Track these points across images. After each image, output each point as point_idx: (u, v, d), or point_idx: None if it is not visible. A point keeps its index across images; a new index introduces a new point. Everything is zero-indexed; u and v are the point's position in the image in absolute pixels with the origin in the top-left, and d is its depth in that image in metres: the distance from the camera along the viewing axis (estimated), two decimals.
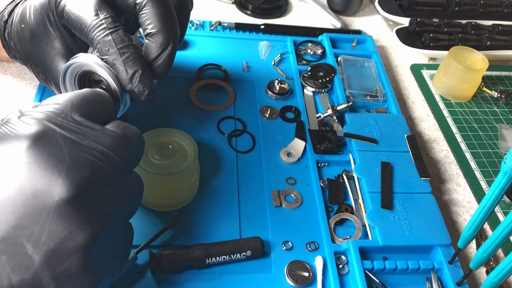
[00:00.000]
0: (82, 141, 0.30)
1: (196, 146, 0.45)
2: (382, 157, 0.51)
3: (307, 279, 0.41)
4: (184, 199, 0.46)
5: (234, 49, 0.65)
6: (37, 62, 0.41)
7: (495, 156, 0.58)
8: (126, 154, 0.32)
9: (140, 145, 0.34)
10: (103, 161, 0.30)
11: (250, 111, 0.57)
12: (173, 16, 0.40)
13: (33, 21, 0.40)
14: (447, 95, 0.65)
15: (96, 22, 0.37)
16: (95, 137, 0.31)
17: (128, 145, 0.32)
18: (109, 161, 0.31)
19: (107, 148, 0.31)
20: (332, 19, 0.75)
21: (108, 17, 0.37)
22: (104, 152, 0.30)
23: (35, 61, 0.42)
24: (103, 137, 0.31)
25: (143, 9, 0.38)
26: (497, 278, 0.37)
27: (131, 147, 0.33)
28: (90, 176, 0.29)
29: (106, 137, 0.31)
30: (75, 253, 0.28)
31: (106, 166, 0.30)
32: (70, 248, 0.27)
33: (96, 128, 0.31)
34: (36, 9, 0.40)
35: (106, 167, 0.30)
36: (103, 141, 0.31)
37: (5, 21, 0.43)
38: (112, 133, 0.32)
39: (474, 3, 0.77)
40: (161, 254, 0.40)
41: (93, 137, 0.31)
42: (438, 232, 0.45)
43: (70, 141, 0.30)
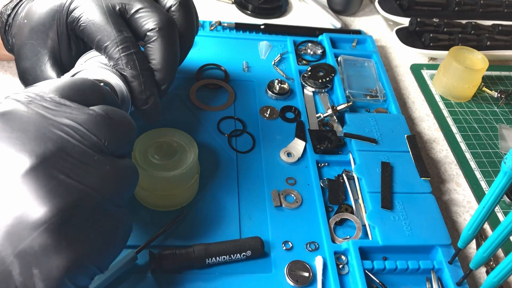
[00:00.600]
0: (53, 117, 0.29)
1: (196, 146, 0.45)
2: (382, 157, 0.51)
3: (307, 279, 0.41)
4: (184, 199, 0.46)
5: (234, 49, 0.65)
6: (24, 58, 0.41)
7: (495, 156, 0.58)
8: (104, 133, 0.30)
9: (127, 129, 0.33)
10: (74, 136, 0.29)
11: (250, 111, 0.57)
12: (176, 57, 0.42)
13: (37, 19, 0.41)
14: (447, 95, 0.65)
15: (121, 39, 0.38)
16: (69, 114, 0.30)
17: (108, 125, 0.31)
18: (81, 137, 0.29)
19: (80, 124, 0.29)
20: (332, 19, 0.75)
21: (131, 36, 0.39)
22: (76, 128, 0.29)
23: (23, 56, 0.41)
24: (77, 113, 0.30)
25: (151, 42, 0.40)
26: (497, 278, 0.37)
27: (112, 128, 0.31)
28: (55, 150, 0.28)
29: (81, 115, 0.30)
30: (35, 229, 0.26)
31: (77, 142, 0.29)
32: (30, 223, 0.26)
33: (72, 106, 0.30)
34: (45, 9, 0.41)
35: (77, 143, 0.29)
36: (77, 117, 0.30)
37: (8, 15, 0.43)
38: (89, 111, 0.31)
39: (474, 3, 0.77)
40: (161, 254, 0.40)
41: (67, 114, 0.30)
42: (438, 232, 0.45)
43: (40, 116, 0.29)
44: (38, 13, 0.41)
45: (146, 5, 0.41)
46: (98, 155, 0.30)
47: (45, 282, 0.26)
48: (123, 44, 0.38)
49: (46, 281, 0.26)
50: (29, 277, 0.26)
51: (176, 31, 0.42)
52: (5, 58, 0.57)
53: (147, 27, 0.40)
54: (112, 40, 0.38)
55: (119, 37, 0.38)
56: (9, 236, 0.26)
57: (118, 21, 0.39)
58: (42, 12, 0.41)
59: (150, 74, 0.40)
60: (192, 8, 0.46)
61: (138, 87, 0.39)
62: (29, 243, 0.26)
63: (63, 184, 0.27)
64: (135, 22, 0.41)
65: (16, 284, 0.26)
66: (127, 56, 0.38)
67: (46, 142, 0.28)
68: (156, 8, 0.41)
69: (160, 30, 0.40)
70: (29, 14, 0.41)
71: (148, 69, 0.40)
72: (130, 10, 0.41)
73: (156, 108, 0.41)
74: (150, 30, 0.40)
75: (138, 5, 0.41)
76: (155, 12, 0.41)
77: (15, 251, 0.26)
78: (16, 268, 0.26)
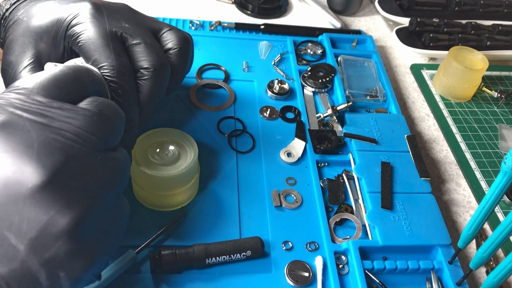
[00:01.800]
0: (51, 123, 0.29)
1: (196, 146, 0.45)
2: (382, 157, 0.51)
3: (307, 279, 0.41)
4: (184, 199, 0.46)
5: (234, 49, 0.65)
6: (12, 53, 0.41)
7: (495, 156, 0.58)
8: (102, 131, 0.31)
9: (118, 121, 0.33)
10: (77, 141, 0.29)
11: (250, 111, 0.57)
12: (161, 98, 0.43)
13: (36, 20, 0.41)
14: (447, 95, 0.65)
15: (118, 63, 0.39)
16: (65, 117, 0.30)
17: (104, 122, 0.31)
18: (83, 141, 0.29)
19: (79, 128, 0.30)
20: (332, 19, 0.75)
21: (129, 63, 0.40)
22: (77, 132, 0.29)
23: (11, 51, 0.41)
24: (74, 116, 0.30)
25: (143, 79, 0.41)
26: (497, 278, 0.37)
27: (108, 124, 0.32)
28: (64, 159, 0.28)
29: (78, 116, 0.30)
30: (59, 238, 0.27)
31: (81, 146, 0.29)
32: (54, 234, 0.27)
33: (66, 108, 0.30)
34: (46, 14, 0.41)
35: (81, 147, 0.29)
36: (74, 121, 0.30)
37: (7, 9, 0.43)
38: (84, 112, 0.31)
39: (474, 3, 0.77)
40: (161, 254, 0.40)
41: (64, 118, 0.30)
42: (438, 232, 0.45)
43: (39, 124, 0.29)
44: (38, 15, 0.41)
45: (146, 42, 0.42)
46: (100, 154, 0.30)
47: (70, 281, 0.28)
48: (119, 69, 0.39)
49: (71, 280, 0.28)
50: (55, 280, 0.28)
51: (167, 76, 0.43)
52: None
53: (142, 64, 0.41)
54: (110, 62, 0.38)
55: (116, 61, 0.39)
56: (34, 248, 0.27)
57: (118, 46, 0.40)
58: (43, 15, 0.41)
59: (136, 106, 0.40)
60: (190, 55, 0.47)
61: None
62: (55, 251, 0.27)
63: (77, 191, 0.28)
64: (132, 54, 0.41)
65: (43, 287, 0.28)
66: (120, 81, 0.38)
67: (53, 152, 0.28)
68: (155, 48, 0.42)
69: (153, 71, 0.41)
70: (29, 13, 0.42)
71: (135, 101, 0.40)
72: (130, 40, 0.41)
73: (133, 138, 0.41)
74: (144, 68, 0.41)
75: (139, 39, 0.41)
76: (153, 52, 0.41)
77: (41, 260, 0.27)
78: (43, 275, 0.27)
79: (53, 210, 0.27)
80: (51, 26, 0.40)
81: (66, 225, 0.27)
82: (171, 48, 0.44)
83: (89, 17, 0.40)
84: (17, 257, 0.27)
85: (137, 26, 0.42)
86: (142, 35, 0.42)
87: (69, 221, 0.27)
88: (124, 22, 0.42)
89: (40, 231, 0.27)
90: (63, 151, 0.28)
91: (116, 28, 0.41)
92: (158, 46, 0.43)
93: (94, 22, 0.40)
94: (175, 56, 0.44)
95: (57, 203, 0.27)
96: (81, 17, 0.40)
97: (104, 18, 0.40)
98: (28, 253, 0.27)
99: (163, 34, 0.45)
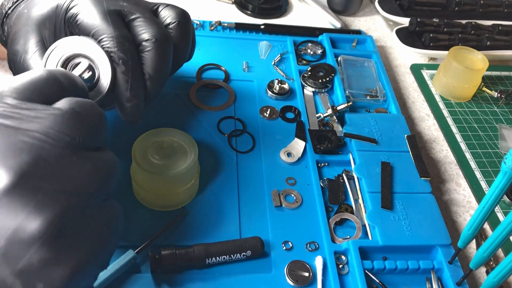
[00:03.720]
0: (19, 125, 0.27)
1: (196, 146, 0.45)
2: (382, 157, 0.51)
3: (307, 279, 0.41)
4: (184, 199, 0.46)
5: (234, 49, 0.65)
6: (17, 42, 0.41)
7: (495, 156, 0.58)
8: (77, 130, 0.29)
9: (97, 119, 0.31)
10: (47, 141, 0.27)
11: (250, 111, 0.57)
12: (167, 71, 0.42)
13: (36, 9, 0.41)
14: (447, 95, 0.65)
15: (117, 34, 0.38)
16: (34, 118, 0.28)
17: (78, 121, 0.29)
18: (54, 140, 0.27)
19: (49, 127, 0.28)
20: (332, 19, 0.75)
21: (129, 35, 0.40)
22: (47, 132, 0.27)
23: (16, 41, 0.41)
24: (44, 116, 0.28)
25: (145, 52, 0.41)
26: (497, 278, 0.37)
27: (83, 122, 0.29)
28: (32, 160, 0.26)
29: (49, 116, 0.28)
30: (31, 245, 0.25)
31: (51, 147, 0.27)
32: (25, 240, 0.25)
33: (36, 108, 0.28)
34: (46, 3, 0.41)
35: (51, 147, 0.27)
36: (44, 120, 0.28)
37: (9, 7, 0.44)
38: (55, 111, 0.29)
39: (474, 3, 0.77)
40: (161, 254, 0.40)
41: (32, 118, 0.28)
42: (438, 232, 0.45)
43: (4, 127, 0.27)
44: (38, 4, 0.41)
45: (146, 15, 0.42)
46: (75, 154, 0.28)
47: None
48: (119, 39, 0.38)
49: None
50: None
51: (171, 46, 0.43)
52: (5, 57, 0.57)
53: (144, 36, 0.41)
54: (109, 34, 0.38)
55: (115, 33, 0.38)
56: (5, 257, 0.25)
57: (116, 19, 0.40)
58: (42, 4, 0.41)
59: (139, 76, 0.40)
60: (190, 28, 0.47)
61: (125, 84, 0.39)
62: (28, 260, 0.25)
63: (48, 194, 0.26)
64: (133, 29, 0.41)
65: None
66: (121, 51, 0.38)
67: (20, 154, 0.26)
68: (154, 22, 0.42)
69: (156, 41, 0.41)
70: (29, 5, 0.42)
71: (139, 70, 0.40)
72: (129, 16, 0.41)
73: (138, 110, 0.40)
74: (146, 40, 0.40)
75: (137, 14, 0.41)
76: (154, 24, 0.41)
77: (15, 271, 0.25)
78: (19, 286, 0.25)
79: (22, 215, 0.25)
80: (52, 12, 0.40)
81: (37, 230, 0.25)
82: (170, 23, 0.44)
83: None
84: None
85: (135, 4, 0.43)
86: (141, 11, 0.42)
87: (40, 226, 0.25)
88: (121, 1, 0.42)
89: (9, 239, 0.25)
90: (31, 152, 0.26)
91: (114, 7, 0.40)
92: (158, 20, 0.43)
93: (92, 2, 0.40)
94: (175, 30, 0.44)
95: (25, 207, 0.25)
96: None
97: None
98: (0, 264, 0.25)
99: (160, 12, 0.45)
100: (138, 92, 0.40)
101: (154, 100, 0.42)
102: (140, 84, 0.40)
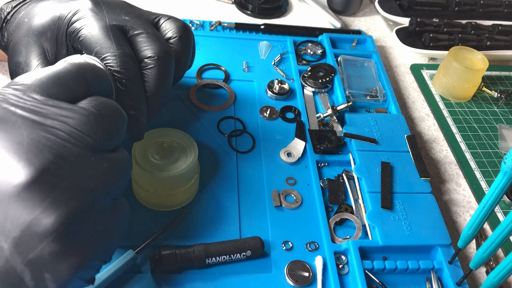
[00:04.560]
0: (44, 121, 0.28)
1: (196, 146, 0.45)
2: (382, 157, 0.51)
3: (307, 279, 0.41)
4: (184, 199, 0.46)
5: (234, 49, 0.65)
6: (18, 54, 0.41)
7: (495, 156, 0.58)
8: (99, 132, 0.30)
9: (118, 122, 0.32)
10: (70, 141, 0.28)
11: (250, 111, 0.57)
12: (168, 87, 0.42)
13: (37, 20, 0.41)
14: (447, 95, 0.65)
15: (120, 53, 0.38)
16: (60, 116, 0.29)
17: (101, 123, 0.30)
18: (76, 140, 0.29)
19: (74, 127, 0.29)
20: (332, 19, 0.75)
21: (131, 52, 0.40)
22: (71, 132, 0.29)
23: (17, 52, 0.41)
24: (70, 115, 0.29)
25: (147, 69, 0.40)
26: (497, 278, 0.37)
27: (106, 125, 0.31)
28: (53, 158, 0.27)
29: (74, 116, 0.29)
30: (44, 238, 0.26)
31: (73, 146, 0.29)
32: (38, 234, 0.26)
33: (62, 107, 0.29)
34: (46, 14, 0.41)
35: (73, 147, 0.29)
36: (69, 120, 0.29)
37: (8, 12, 0.43)
38: (81, 111, 0.30)
39: (474, 3, 0.77)
40: (161, 254, 0.40)
41: (58, 117, 0.29)
42: (438, 232, 0.45)
43: (31, 121, 0.28)
44: (39, 15, 0.41)
45: (148, 31, 0.42)
46: (94, 155, 0.30)
47: (56, 283, 0.27)
48: (122, 58, 0.38)
49: (57, 282, 0.27)
50: (40, 281, 0.27)
51: (172, 62, 0.43)
52: (5, 59, 0.57)
53: (146, 53, 0.40)
54: (112, 53, 0.38)
55: (118, 51, 0.38)
56: (17, 247, 0.26)
57: (119, 36, 0.40)
58: (43, 15, 0.41)
59: (141, 94, 0.40)
60: (191, 42, 0.47)
61: (128, 102, 0.39)
62: (39, 252, 0.26)
63: (65, 191, 0.27)
64: (135, 45, 0.41)
65: None
66: (124, 70, 0.38)
67: (42, 150, 0.27)
68: (156, 37, 0.42)
69: (158, 59, 0.40)
70: (30, 14, 0.42)
71: (141, 89, 0.40)
72: (131, 31, 0.41)
73: (141, 127, 0.41)
74: (148, 57, 0.40)
75: (140, 29, 0.41)
76: (155, 41, 0.41)
77: (25, 260, 0.26)
78: (27, 275, 0.27)
79: (38, 209, 0.26)
80: (53, 24, 0.40)
81: (51, 226, 0.26)
82: (171, 37, 0.44)
83: (88, 12, 0.40)
84: (2, 256, 0.26)
85: (136, 18, 0.42)
86: (142, 26, 0.42)
87: (54, 222, 0.27)
88: (123, 15, 0.42)
89: (24, 231, 0.26)
90: (53, 150, 0.28)
91: (116, 21, 0.40)
92: (159, 35, 0.43)
93: (94, 17, 0.40)
94: (176, 44, 0.44)
95: (42, 202, 0.26)
96: (80, 13, 0.40)
97: (103, 12, 0.40)
98: (12, 252, 0.26)
99: (162, 24, 0.45)
100: (141, 110, 0.40)
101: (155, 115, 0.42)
102: (143, 102, 0.40)
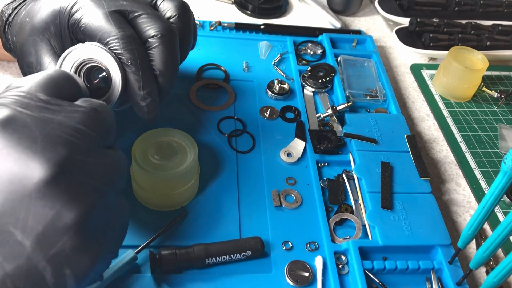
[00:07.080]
0: (52, 120, 0.29)
1: (196, 146, 0.45)
2: (382, 157, 0.51)
3: (307, 279, 0.41)
4: (184, 199, 0.46)
5: (234, 49, 0.65)
6: (28, 54, 0.42)
7: (495, 156, 0.58)
8: (99, 128, 0.31)
9: (111, 118, 0.34)
10: (77, 137, 0.30)
11: (250, 111, 0.57)
12: (176, 64, 0.42)
13: (39, 17, 0.41)
14: (447, 95, 0.65)
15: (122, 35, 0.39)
16: (65, 114, 0.30)
17: (99, 119, 0.32)
18: (83, 136, 0.30)
19: (78, 123, 0.30)
20: (332, 19, 0.75)
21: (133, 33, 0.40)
22: (77, 128, 0.30)
23: (27, 53, 0.42)
24: (73, 113, 0.31)
25: (153, 48, 0.41)
26: (497, 278, 0.37)
27: (103, 121, 0.32)
28: (67, 154, 0.28)
29: (77, 113, 0.31)
30: (65, 233, 0.27)
31: (81, 142, 0.30)
32: (60, 228, 0.27)
33: (64, 105, 0.31)
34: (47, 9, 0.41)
35: (81, 142, 0.30)
36: (74, 117, 0.30)
37: (9, 14, 0.44)
38: (81, 108, 0.31)
39: (474, 3, 0.77)
40: (161, 254, 0.40)
41: (63, 114, 0.30)
42: (438, 232, 0.45)
43: (40, 120, 0.29)
44: (40, 12, 0.41)
45: (147, 12, 0.42)
46: (99, 150, 0.31)
47: (76, 279, 0.28)
48: (124, 39, 0.39)
49: (76, 278, 0.28)
50: (61, 278, 0.28)
51: (177, 39, 0.43)
52: (5, 58, 0.57)
53: (149, 33, 0.41)
54: (113, 36, 0.39)
55: (120, 33, 0.39)
56: (40, 243, 0.27)
57: (119, 19, 0.40)
58: (44, 11, 0.41)
59: (150, 72, 0.40)
60: (191, 19, 0.47)
61: (137, 83, 0.39)
62: (60, 247, 0.27)
63: (82, 186, 0.28)
64: (137, 27, 0.41)
65: (49, 286, 0.27)
66: (128, 51, 0.39)
67: (57, 147, 0.28)
68: (157, 17, 0.42)
69: (162, 37, 0.41)
70: (31, 13, 0.42)
71: (149, 67, 0.40)
72: (131, 14, 0.41)
73: (154, 106, 0.41)
74: (152, 37, 0.41)
75: (140, 11, 0.41)
76: (157, 20, 0.41)
77: (47, 256, 0.27)
78: (48, 272, 0.27)
79: (59, 204, 0.27)
80: (55, 19, 0.41)
81: (72, 220, 0.27)
82: (170, 16, 0.44)
83: (87, 2, 0.40)
84: (23, 254, 0.26)
85: (134, 1, 0.43)
86: (142, 7, 0.42)
87: (75, 216, 0.27)
88: (121, 0, 0.42)
89: (46, 226, 0.27)
90: (65, 146, 0.29)
91: (115, 7, 0.41)
92: (159, 14, 0.43)
93: (93, 5, 0.40)
94: (177, 22, 0.44)
95: (63, 197, 0.27)
96: (79, 3, 0.40)
97: (102, 1, 0.40)
98: (34, 249, 0.27)
99: (160, 5, 0.45)
100: (151, 89, 0.40)
101: (168, 94, 0.42)
102: (152, 81, 0.40)
